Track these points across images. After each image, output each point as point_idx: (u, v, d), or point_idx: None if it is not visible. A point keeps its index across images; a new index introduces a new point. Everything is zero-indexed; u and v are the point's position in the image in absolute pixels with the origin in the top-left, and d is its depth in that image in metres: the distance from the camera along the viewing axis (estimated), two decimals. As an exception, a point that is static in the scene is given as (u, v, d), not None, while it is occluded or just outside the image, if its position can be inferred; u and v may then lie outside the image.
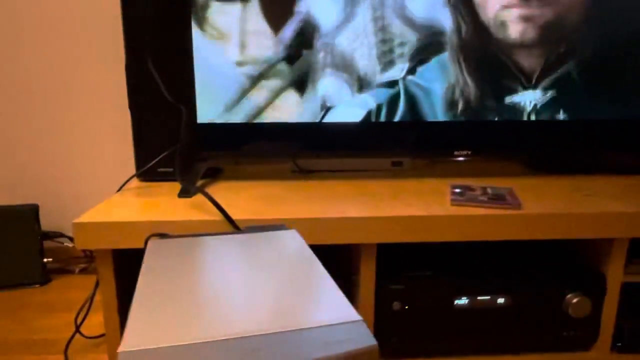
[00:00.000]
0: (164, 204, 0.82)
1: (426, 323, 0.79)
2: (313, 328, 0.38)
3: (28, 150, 1.20)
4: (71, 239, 1.20)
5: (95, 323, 0.93)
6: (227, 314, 0.41)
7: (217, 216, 0.74)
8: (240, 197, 0.85)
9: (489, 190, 0.82)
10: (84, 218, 0.73)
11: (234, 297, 0.44)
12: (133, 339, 0.37)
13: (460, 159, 0.94)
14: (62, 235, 1.20)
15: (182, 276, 0.49)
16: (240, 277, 0.48)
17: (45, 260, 1.15)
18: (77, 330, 0.85)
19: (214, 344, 0.36)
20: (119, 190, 0.91)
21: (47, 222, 1.21)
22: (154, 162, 0.91)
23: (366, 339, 0.37)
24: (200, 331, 0.38)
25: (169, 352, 0.35)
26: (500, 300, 0.79)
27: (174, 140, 0.93)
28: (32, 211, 1.12)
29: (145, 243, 0.62)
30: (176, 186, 0.90)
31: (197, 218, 0.74)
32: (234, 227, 0.73)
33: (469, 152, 0.95)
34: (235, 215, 0.74)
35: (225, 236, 0.61)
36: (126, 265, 0.79)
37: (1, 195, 1.21)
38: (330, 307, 0.42)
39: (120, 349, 0.35)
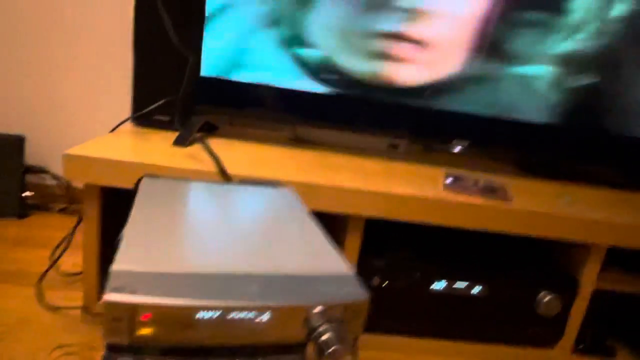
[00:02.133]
0: (157, 149, 0.81)
1: (403, 302, 0.81)
2: (306, 275, 0.39)
3: (20, 80, 1.16)
4: (54, 177, 1.18)
5: (70, 262, 0.92)
6: (219, 252, 0.41)
7: (211, 167, 0.73)
8: (233, 155, 0.85)
9: (482, 182, 0.83)
10: (76, 150, 0.72)
11: (227, 238, 0.44)
12: (125, 260, 0.36)
13: (457, 149, 0.95)
14: (45, 171, 1.17)
15: (176, 212, 0.48)
16: (234, 221, 0.48)
17: (25, 194, 1.12)
18: (53, 264, 0.84)
19: (204, 276, 0.36)
20: (112, 131, 0.89)
21: (31, 156, 1.18)
22: (153, 106, 0.89)
23: (359, 293, 0.38)
24: (191, 263, 0.38)
25: (158, 277, 0.35)
26: (476, 290, 0.81)
27: (174, 89, 0.91)
28: (18, 142, 1.10)
29: (137, 183, 0.61)
30: (170, 136, 0.89)
31: (191, 167, 0.73)
32: (228, 180, 0.72)
33: (467, 143, 0.96)
34: (228, 169, 0.74)
35: (220, 184, 0.61)
36: (110, 207, 0.78)
37: (-13, 122, 1.17)
38: (324, 259, 0.42)
39: (113, 268, 0.35)
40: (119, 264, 0.35)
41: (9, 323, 0.74)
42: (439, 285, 0.80)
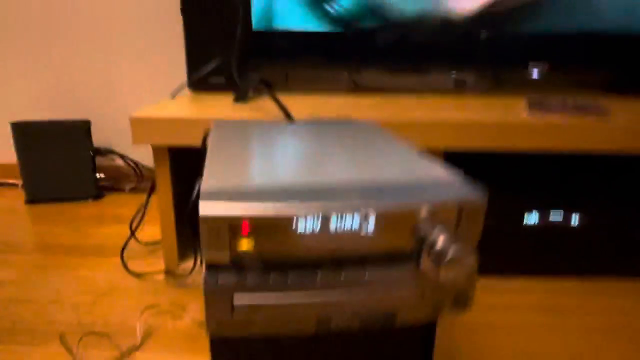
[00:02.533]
0: (219, 107, 0.79)
1: (496, 238, 0.74)
2: (412, 181, 0.35)
3: (81, 67, 1.19)
4: (122, 157, 1.21)
5: (148, 233, 0.93)
6: (312, 167, 0.37)
7: (276, 117, 0.70)
8: (296, 107, 0.81)
9: (571, 101, 0.75)
10: (142, 113, 0.71)
11: (318, 158, 0.40)
12: (216, 179, 0.34)
13: (534, 74, 0.86)
14: (112, 152, 1.20)
15: (257, 142, 0.46)
16: (321, 144, 0.45)
17: (97, 176, 1.16)
18: (132, 234, 0.85)
19: (302, 185, 0.33)
20: (172, 97, 0.88)
21: (97, 140, 1.21)
22: (208, 66, 0.87)
23: (472, 193, 0.33)
24: (284, 177, 0.35)
25: (253, 190, 0.32)
26: (576, 219, 0.74)
27: (227, 49, 0.88)
28: (85, 126, 1.12)
29: (205, 136, 0.59)
30: (229, 96, 0.87)
31: (257, 118, 0.71)
32: (295, 126, 0.69)
33: (545, 66, 0.87)
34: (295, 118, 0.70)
35: (296, 123, 0.58)
36: (180, 174, 0.78)
37: (55, 110, 1.21)
38: (428, 168, 0.38)
39: (204, 186, 0.33)
40: (209, 183, 0.33)
41: (99, 290, 0.76)
42: (534, 217, 0.73)
